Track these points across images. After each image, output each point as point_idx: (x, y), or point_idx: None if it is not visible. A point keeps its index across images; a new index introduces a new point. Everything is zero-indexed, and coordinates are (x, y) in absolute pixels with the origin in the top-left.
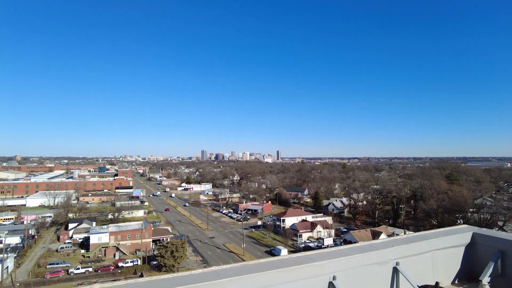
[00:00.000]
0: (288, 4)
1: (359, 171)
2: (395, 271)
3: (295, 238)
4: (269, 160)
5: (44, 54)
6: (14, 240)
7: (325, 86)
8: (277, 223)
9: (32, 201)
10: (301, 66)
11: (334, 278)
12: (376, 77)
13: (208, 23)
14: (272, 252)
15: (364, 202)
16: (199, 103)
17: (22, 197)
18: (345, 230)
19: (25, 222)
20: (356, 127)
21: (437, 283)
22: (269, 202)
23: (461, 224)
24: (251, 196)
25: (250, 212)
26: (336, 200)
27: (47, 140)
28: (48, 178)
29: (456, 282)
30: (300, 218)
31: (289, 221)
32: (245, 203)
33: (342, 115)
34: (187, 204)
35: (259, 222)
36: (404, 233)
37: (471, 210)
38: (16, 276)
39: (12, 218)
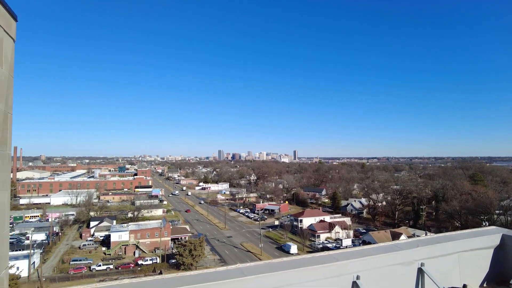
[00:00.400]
0: (306, 5)
1: (378, 171)
2: (420, 272)
3: (312, 239)
4: (286, 160)
5: (58, 55)
6: (40, 236)
7: (343, 85)
8: (295, 223)
9: (56, 199)
10: (318, 66)
11: (358, 277)
12: (395, 75)
13: (220, 23)
14: (283, 248)
15: (384, 203)
16: (217, 104)
17: (46, 195)
18: (364, 231)
19: (49, 220)
20: (375, 127)
21: (464, 285)
22: (286, 202)
23: (487, 226)
24: (268, 196)
25: (267, 212)
26: (354, 201)
27: (70, 141)
28: (71, 178)
29: (485, 285)
30: (318, 218)
31: (306, 221)
32: (262, 203)
33: (361, 114)
34: (202, 202)
35: (276, 222)
36: (425, 235)
37: (497, 212)
38: (42, 271)
39: (38, 216)
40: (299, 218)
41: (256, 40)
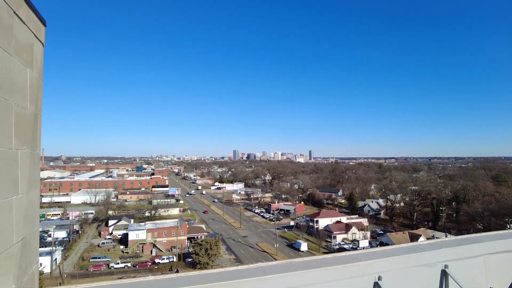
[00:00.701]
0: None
1: (396, 171)
2: (444, 274)
3: (329, 240)
4: (301, 160)
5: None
6: (61, 234)
7: (359, 83)
8: (310, 223)
9: (76, 198)
10: (333, 65)
11: (379, 278)
12: (413, 72)
13: (231, 22)
14: (293, 246)
15: (402, 204)
16: (231, 104)
17: (67, 194)
18: (382, 232)
19: (70, 218)
20: (393, 126)
21: None
22: (302, 202)
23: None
24: (283, 196)
25: (282, 212)
26: (371, 201)
27: (89, 141)
28: (90, 177)
29: None
30: (334, 219)
31: (322, 222)
32: (277, 203)
33: (379, 113)
34: (216, 200)
35: (292, 223)
36: (446, 237)
37: None
38: (63, 267)
39: (59, 214)
40: (315, 219)
41: (271, 39)
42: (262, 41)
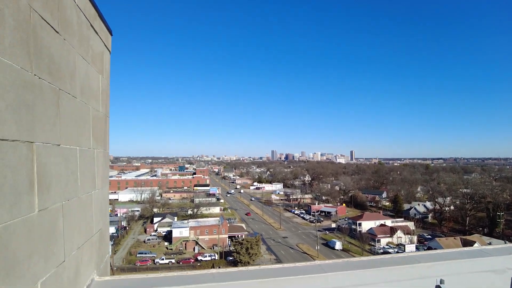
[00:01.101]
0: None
1: (445, 173)
2: None
3: (372, 243)
4: (342, 160)
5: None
6: (111, 230)
7: (405, 80)
8: (353, 226)
9: (123, 196)
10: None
11: (441, 282)
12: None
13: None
14: (328, 244)
15: (452, 207)
16: (270, 104)
17: (115, 192)
18: (430, 237)
19: (118, 215)
20: (441, 124)
21: None
22: (344, 204)
23: None
24: (323, 197)
25: (323, 214)
26: (418, 204)
27: (135, 142)
28: (136, 176)
29: None
30: (378, 222)
31: (366, 225)
32: (318, 204)
33: (424, 111)
34: (252, 199)
35: (333, 225)
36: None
37: None
38: (113, 261)
39: (109, 211)
40: (357, 222)
41: (312, 38)
42: (302, 41)
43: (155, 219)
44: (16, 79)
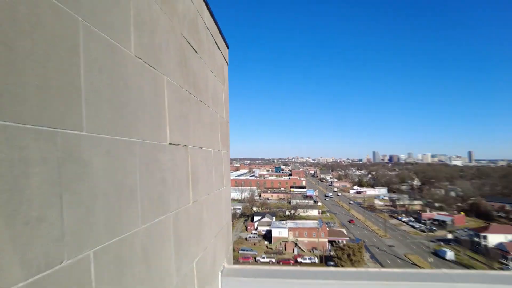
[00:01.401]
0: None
1: None
2: None
3: (504, 261)
4: (457, 162)
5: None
6: None
7: None
8: (475, 239)
9: None
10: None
11: None
12: None
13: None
14: (437, 253)
15: None
16: (369, 102)
17: None
18: None
19: None
20: None
21: None
22: (462, 213)
23: None
24: (436, 204)
25: (436, 222)
26: None
27: (235, 143)
28: (236, 176)
29: None
30: (510, 236)
31: (493, 238)
32: (429, 212)
33: None
34: (351, 202)
35: (449, 236)
36: None
37: None
38: None
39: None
40: (481, 234)
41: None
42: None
43: (255, 218)
44: (178, 95)
